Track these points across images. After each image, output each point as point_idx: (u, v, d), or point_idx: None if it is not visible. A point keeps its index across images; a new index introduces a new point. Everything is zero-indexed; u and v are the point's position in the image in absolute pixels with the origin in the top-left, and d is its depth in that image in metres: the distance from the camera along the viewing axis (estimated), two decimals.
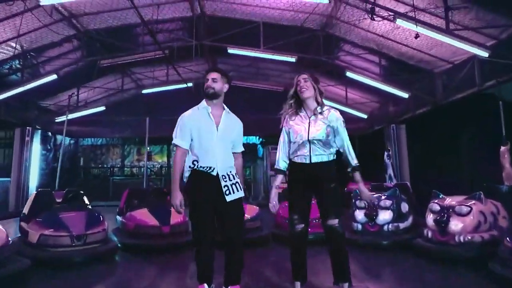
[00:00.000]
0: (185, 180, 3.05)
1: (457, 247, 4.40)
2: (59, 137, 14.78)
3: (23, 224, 5.21)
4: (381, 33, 8.39)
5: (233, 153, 3.15)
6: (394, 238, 5.32)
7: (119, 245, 5.43)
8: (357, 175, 3.18)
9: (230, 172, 3.02)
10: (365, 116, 13.23)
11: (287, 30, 9.15)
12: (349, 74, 9.71)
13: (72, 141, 18.20)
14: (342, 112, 3.40)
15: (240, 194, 3.02)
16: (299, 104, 3.25)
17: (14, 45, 8.60)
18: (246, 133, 3.38)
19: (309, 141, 3.09)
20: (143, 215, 5.71)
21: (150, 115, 11.57)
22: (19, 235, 5.31)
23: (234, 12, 9.05)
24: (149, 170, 21.34)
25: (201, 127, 3.01)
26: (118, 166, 21.91)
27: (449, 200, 4.83)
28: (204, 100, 3.13)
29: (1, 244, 3.78)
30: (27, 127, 11.96)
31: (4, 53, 9.04)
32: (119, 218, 6.36)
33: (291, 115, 3.25)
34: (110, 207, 9.68)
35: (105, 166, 21.64)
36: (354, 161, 3.16)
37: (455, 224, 4.49)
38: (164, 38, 9.97)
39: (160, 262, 4.81)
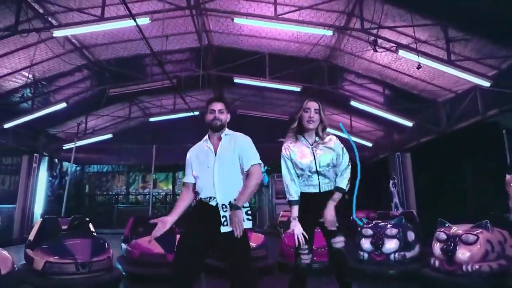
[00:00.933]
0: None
1: (465, 277, 4.35)
2: (65, 163, 14.98)
3: (28, 251, 5.22)
4: (383, 64, 8.59)
5: (246, 171, 2.84)
6: (401, 267, 5.26)
7: (123, 273, 5.40)
8: (337, 195, 2.97)
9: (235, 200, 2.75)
10: (370, 145, 13.28)
11: (292, 61, 9.39)
12: (353, 103, 9.86)
13: (78, 168, 18.35)
14: (347, 141, 3.29)
15: (244, 225, 2.68)
16: (300, 131, 3.11)
17: (27, 74, 8.91)
18: None
19: (317, 171, 2.99)
20: (148, 243, 5.69)
21: (157, 143, 11.72)
22: (24, 262, 5.30)
23: (241, 43, 9.33)
24: (154, 197, 21.42)
25: (201, 159, 2.90)
26: (123, 193, 21.97)
27: (456, 229, 4.80)
28: (208, 133, 2.99)
29: (6, 271, 3.81)
30: (35, 154, 12.12)
31: (17, 82, 9.31)
32: (124, 245, 6.34)
33: (291, 143, 3.10)
34: (115, 235, 9.67)
35: (110, 193, 21.73)
36: (343, 182, 2.99)
37: (462, 253, 4.45)
38: (172, 68, 10.26)
39: None
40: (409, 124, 9.97)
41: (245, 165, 2.83)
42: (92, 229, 6.18)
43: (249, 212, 2.81)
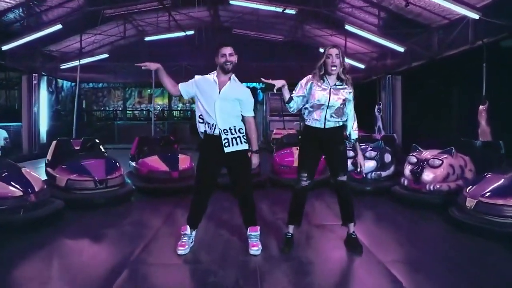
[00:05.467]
0: (201, 136, 3.54)
1: (427, 194, 5.11)
2: (60, 80, 15.14)
3: (49, 169, 5.88)
4: None
5: (244, 117, 3.49)
6: (376, 185, 6.04)
7: (134, 187, 6.15)
8: (357, 146, 3.62)
9: (234, 127, 3.38)
10: (362, 66, 13.52)
11: None
12: (347, 27, 9.90)
13: (73, 84, 18.40)
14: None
15: (242, 146, 3.39)
16: (324, 74, 3.40)
17: None
18: (248, 80, 3.74)
19: (327, 106, 3.34)
20: (155, 162, 6.37)
21: (152, 60, 11.80)
22: (45, 178, 5.95)
23: None
24: (151, 113, 21.96)
25: (205, 90, 3.40)
26: (120, 109, 22.41)
27: (425, 154, 5.46)
28: (217, 70, 3.44)
29: (39, 188, 4.47)
30: (34, 74, 12.28)
31: (10, 2, 9.17)
32: (132, 163, 7.04)
33: (316, 80, 3.39)
34: (117, 150, 10.43)
35: (107, 108, 22.13)
36: (355, 133, 3.52)
37: (427, 175, 5.16)
38: None
39: (171, 203, 5.49)
40: (401, 49, 10.16)
41: (243, 113, 3.52)
42: (102, 149, 6.80)
43: (245, 137, 3.47)
